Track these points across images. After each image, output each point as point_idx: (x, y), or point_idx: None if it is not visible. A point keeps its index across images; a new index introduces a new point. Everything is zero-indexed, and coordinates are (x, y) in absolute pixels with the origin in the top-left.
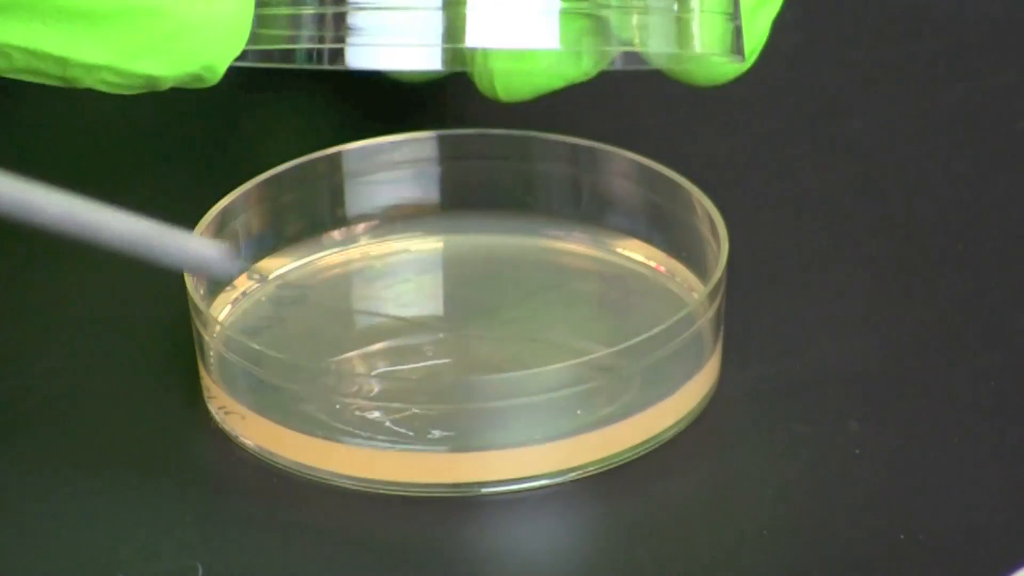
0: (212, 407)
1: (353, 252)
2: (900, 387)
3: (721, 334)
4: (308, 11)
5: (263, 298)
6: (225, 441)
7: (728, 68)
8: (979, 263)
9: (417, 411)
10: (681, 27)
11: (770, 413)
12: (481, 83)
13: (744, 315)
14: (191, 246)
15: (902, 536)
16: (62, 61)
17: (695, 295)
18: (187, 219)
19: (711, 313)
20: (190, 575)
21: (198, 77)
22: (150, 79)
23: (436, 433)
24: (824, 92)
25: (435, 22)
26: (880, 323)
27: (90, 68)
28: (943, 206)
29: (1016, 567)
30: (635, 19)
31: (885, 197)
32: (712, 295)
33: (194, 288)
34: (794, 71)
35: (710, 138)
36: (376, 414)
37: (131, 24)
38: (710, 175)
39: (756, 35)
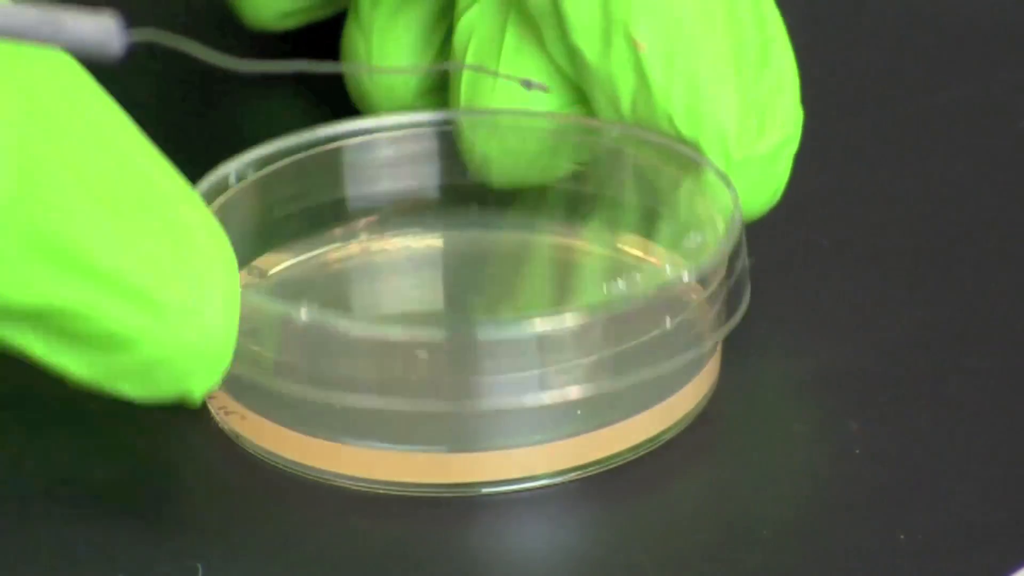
0: (212, 407)
1: (352, 248)
2: (900, 387)
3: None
4: None
5: (259, 295)
6: (225, 441)
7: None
8: (979, 263)
9: (416, 410)
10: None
11: (770, 413)
12: (472, 164)
13: (744, 315)
14: (68, 25)
15: (902, 536)
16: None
17: (695, 296)
18: None
19: (711, 313)
20: (190, 575)
21: (177, 400)
22: (129, 398)
23: (436, 432)
24: (824, 92)
25: None
26: (880, 323)
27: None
28: (943, 206)
29: (1016, 567)
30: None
31: (885, 197)
32: (712, 295)
33: None
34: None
35: None
36: (375, 413)
37: (107, 351)
38: None
39: (779, 174)
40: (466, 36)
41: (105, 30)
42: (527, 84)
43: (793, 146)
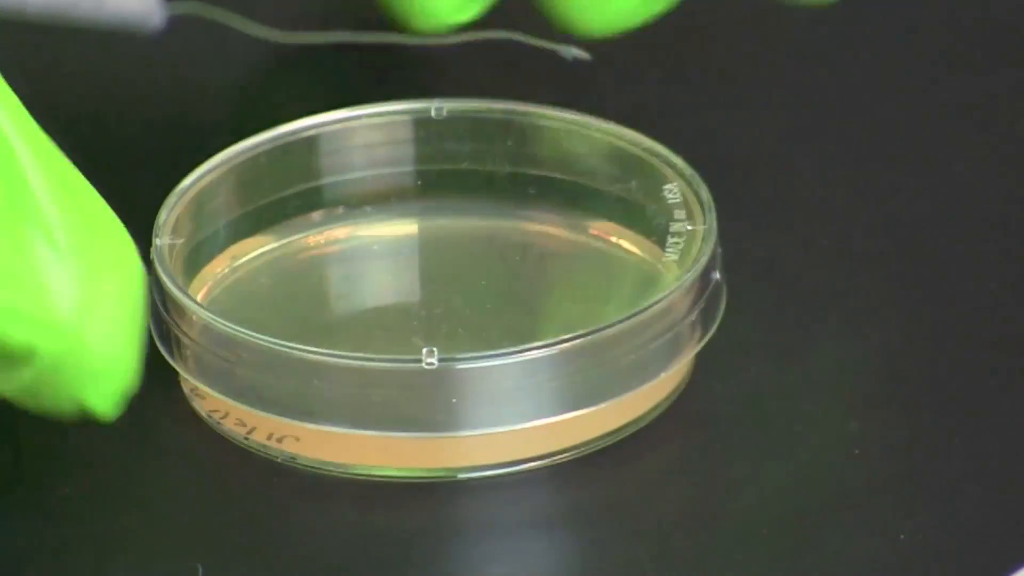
0: (197, 405)
1: (329, 235)
2: (900, 387)
3: (700, 319)
4: None
5: (230, 286)
6: (224, 443)
7: None
8: (979, 263)
9: (393, 396)
10: None
11: (769, 413)
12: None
13: (743, 315)
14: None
15: (902, 536)
16: None
17: (675, 280)
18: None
19: (690, 296)
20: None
21: (82, 415)
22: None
23: (412, 418)
24: (825, 91)
25: None
26: (880, 323)
27: None
28: (943, 206)
29: (1016, 567)
30: None
31: (885, 197)
32: (691, 280)
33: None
34: (794, 71)
35: (710, 137)
36: (351, 399)
37: (9, 365)
38: (709, 174)
39: None
40: None
41: (145, 3)
42: (567, 52)
43: None
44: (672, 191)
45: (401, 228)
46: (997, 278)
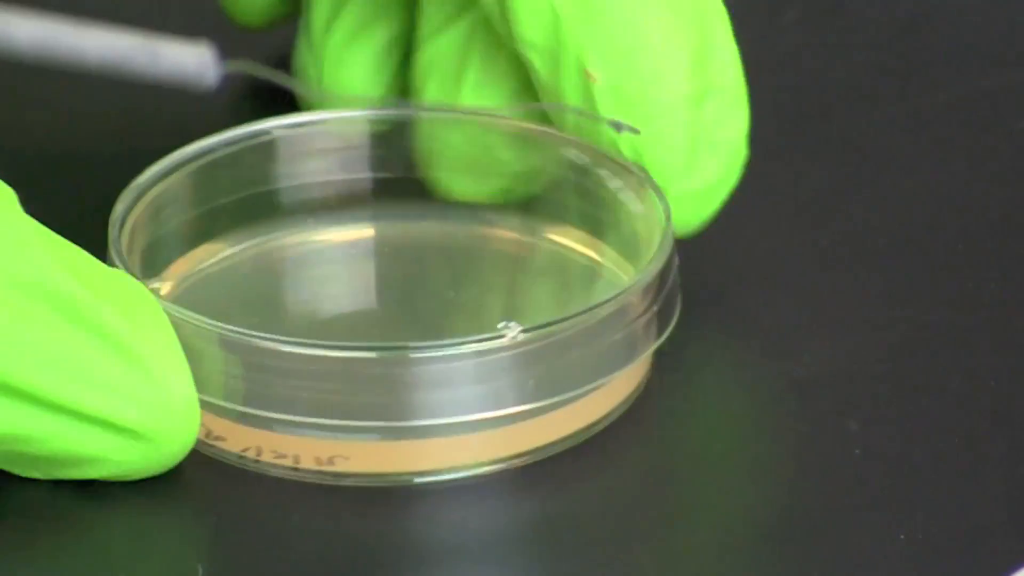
0: None
1: (284, 240)
2: (900, 387)
3: (655, 321)
4: None
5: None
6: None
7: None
8: (979, 263)
9: (348, 399)
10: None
11: (770, 413)
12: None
13: (744, 315)
14: (166, 54)
15: (902, 536)
16: None
17: (628, 282)
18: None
19: (646, 301)
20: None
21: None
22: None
23: (366, 422)
24: (824, 92)
25: None
26: (880, 323)
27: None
28: (943, 206)
29: (1016, 567)
30: None
31: (885, 197)
32: (645, 283)
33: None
34: (794, 71)
35: None
36: (305, 402)
37: (70, 467)
38: None
39: (710, 209)
40: (426, 71)
41: (201, 60)
42: (617, 126)
43: (730, 184)
44: (616, 184)
45: (358, 233)
46: (997, 278)
